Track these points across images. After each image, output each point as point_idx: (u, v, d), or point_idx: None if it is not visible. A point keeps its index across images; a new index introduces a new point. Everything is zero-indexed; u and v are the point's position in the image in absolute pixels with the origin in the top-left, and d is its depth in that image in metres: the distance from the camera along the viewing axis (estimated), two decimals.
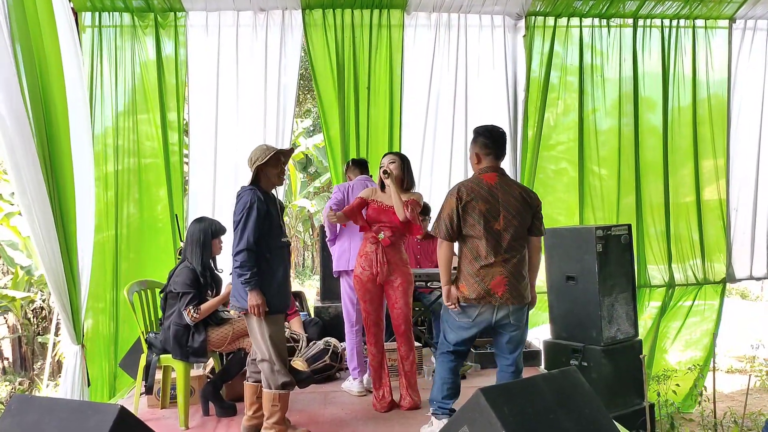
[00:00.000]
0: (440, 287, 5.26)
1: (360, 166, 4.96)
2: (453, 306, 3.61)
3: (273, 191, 3.80)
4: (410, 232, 4.25)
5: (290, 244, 3.85)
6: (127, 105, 6.03)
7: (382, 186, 4.19)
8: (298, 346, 4.99)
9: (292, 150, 3.95)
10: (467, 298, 3.55)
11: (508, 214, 3.51)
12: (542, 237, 3.71)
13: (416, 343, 4.51)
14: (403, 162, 4.20)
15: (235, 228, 3.56)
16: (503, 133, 3.69)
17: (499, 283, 3.50)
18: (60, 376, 5.43)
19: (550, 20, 6.55)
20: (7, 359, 9.50)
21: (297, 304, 5.84)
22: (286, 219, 11.50)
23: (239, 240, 3.52)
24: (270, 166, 3.65)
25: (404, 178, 4.17)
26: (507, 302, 3.52)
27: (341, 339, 5.22)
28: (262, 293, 3.53)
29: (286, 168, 3.86)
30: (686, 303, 6.95)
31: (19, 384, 8.66)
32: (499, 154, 3.63)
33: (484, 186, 3.53)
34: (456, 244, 3.65)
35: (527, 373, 3.96)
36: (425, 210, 5.48)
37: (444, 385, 3.71)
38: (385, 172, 4.09)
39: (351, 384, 4.63)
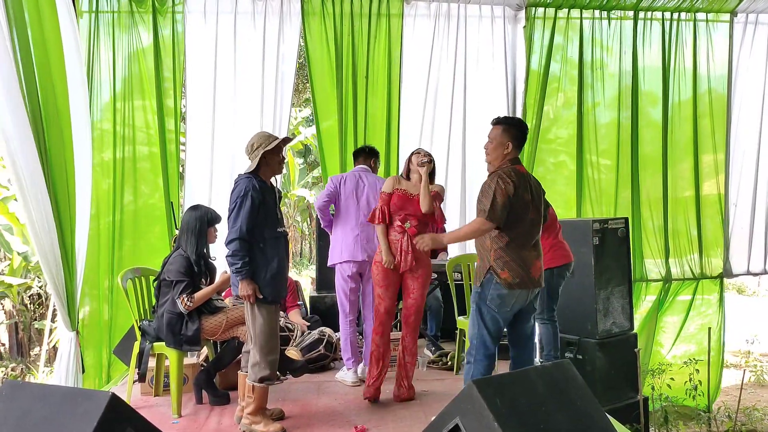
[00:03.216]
0: (435, 278, 5.27)
1: (360, 154, 4.89)
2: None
3: (272, 179, 3.77)
4: (434, 222, 4.27)
5: (287, 234, 3.83)
6: (125, 92, 5.98)
7: (408, 174, 4.21)
8: (292, 335, 4.99)
9: (291, 138, 3.93)
10: (511, 284, 3.55)
11: (537, 203, 3.66)
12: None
13: None
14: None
15: (228, 216, 3.56)
16: None
17: (537, 268, 3.64)
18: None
19: (551, 11, 6.51)
20: (4, 345, 9.49)
21: (298, 296, 5.82)
22: (284, 208, 11.49)
23: (231, 228, 3.52)
24: (273, 153, 3.65)
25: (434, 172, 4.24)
26: (538, 285, 3.66)
27: (336, 329, 5.22)
28: (253, 282, 3.53)
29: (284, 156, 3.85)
30: (683, 298, 6.95)
31: (12, 370, 8.66)
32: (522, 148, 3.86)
33: (523, 176, 3.64)
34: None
35: None
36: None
37: None
38: (430, 161, 4.12)
39: (345, 374, 4.63)
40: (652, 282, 6.83)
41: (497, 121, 3.72)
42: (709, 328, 6.57)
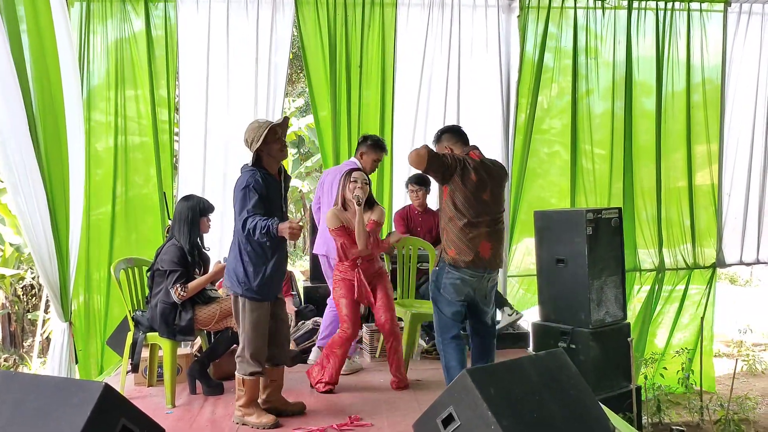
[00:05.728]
0: (426, 269, 5.27)
1: (360, 145, 4.78)
2: None
3: (279, 166, 3.66)
4: (377, 249, 4.29)
5: None
6: (117, 82, 5.93)
7: (344, 203, 4.19)
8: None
9: (285, 120, 3.64)
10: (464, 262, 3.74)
11: (488, 184, 3.76)
12: None
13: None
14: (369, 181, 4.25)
15: (235, 212, 3.50)
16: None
17: (486, 249, 3.77)
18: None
19: (545, 1, 6.45)
20: None
21: (292, 286, 5.82)
22: None
23: (239, 213, 3.44)
24: (269, 143, 3.51)
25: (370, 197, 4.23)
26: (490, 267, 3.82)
27: None
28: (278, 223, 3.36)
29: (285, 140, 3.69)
30: (677, 287, 6.97)
31: (5, 361, 8.65)
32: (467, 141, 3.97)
33: (476, 161, 3.79)
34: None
35: (515, 354, 3.97)
36: (425, 181, 5.49)
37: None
38: (358, 200, 4.02)
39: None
40: (645, 272, 6.85)
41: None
42: (702, 318, 6.59)
